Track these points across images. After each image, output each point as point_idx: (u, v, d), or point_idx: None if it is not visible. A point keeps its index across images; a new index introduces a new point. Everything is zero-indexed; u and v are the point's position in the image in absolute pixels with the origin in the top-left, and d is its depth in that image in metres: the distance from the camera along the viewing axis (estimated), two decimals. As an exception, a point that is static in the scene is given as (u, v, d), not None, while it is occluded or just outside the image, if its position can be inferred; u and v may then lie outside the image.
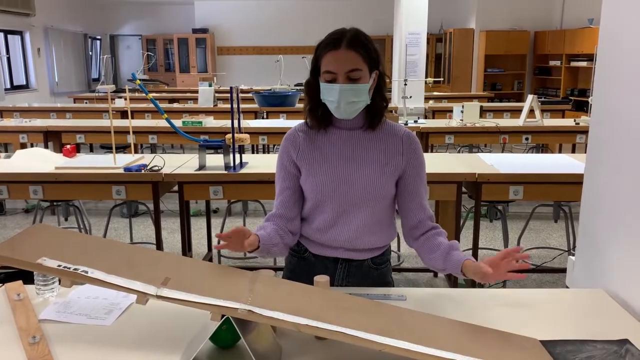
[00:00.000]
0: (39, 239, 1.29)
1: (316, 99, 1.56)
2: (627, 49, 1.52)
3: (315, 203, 1.61)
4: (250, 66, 12.69)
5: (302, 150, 1.61)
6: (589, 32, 9.49)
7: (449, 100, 8.28)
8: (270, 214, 1.65)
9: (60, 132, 5.36)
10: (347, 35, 1.49)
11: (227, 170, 3.03)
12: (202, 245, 4.37)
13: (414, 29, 6.97)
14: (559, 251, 4.20)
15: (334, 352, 1.22)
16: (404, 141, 1.60)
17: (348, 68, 1.47)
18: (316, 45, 1.53)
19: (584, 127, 5.04)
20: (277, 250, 1.59)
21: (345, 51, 1.47)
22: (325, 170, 1.58)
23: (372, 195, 1.57)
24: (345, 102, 1.49)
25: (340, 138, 1.60)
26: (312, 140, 1.62)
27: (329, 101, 1.52)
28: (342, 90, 1.47)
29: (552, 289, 1.67)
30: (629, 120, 1.51)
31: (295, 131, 1.66)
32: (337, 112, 1.53)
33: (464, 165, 3.20)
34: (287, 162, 1.63)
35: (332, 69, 1.48)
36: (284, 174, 1.65)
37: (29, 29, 10.41)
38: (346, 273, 1.66)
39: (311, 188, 1.59)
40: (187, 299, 1.13)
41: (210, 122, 5.18)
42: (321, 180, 1.58)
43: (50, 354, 1.18)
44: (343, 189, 1.57)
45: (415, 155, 1.61)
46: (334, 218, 1.59)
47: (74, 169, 3.11)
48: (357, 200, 1.57)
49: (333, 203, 1.58)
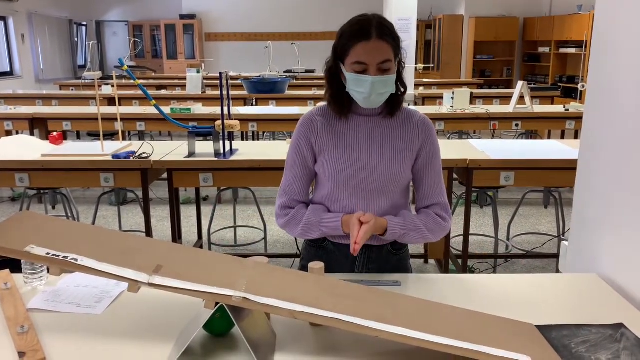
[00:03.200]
0: (26, 226, 1.25)
1: (339, 86, 1.53)
2: (623, 32, 1.51)
3: (334, 189, 1.58)
4: (238, 53, 12.58)
5: (321, 135, 1.58)
6: (577, 19, 9.51)
7: (438, 87, 8.27)
8: (297, 201, 1.63)
9: (46, 120, 5.28)
10: (375, 24, 1.45)
11: (217, 157, 3.00)
12: (192, 233, 4.34)
13: (403, 14, 6.93)
14: (549, 237, 4.23)
15: (329, 339, 1.21)
16: (419, 126, 1.59)
17: (380, 59, 1.44)
18: (340, 32, 1.49)
19: (573, 113, 5.05)
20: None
21: (377, 42, 1.43)
22: (346, 156, 1.56)
23: (391, 181, 1.56)
24: (376, 93, 1.47)
25: (359, 124, 1.58)
26: (331, 126, 1.58)
27: (358, 92, 1.48)
28: (374, 82, 1.45)
29: (546, 274, 1.67)
30: (623, 104, 1.50)
31: (312, 115, 1.61)
32: (365, 103, 1.50)
33: (454, 151, 3.19)
34: (305, 146, 1.59)
35: (364, 60, 1.44)
36: (301, 161, 1.61)
37: (13, 15, 10.22)
38: (367, 260, 1.64)
39: (331, 174, 1.56)
40: (180, 286, 1.11)
41: (199, 109, 5.12)
42: (342, 167, 1.55)
43: (39, 344, 1.16)
44: (364, 175, 1.55)
45: (429, 140, 1.60)
46: (354, 205, 1.57)
47: (60, 156, 3.05)
48: (376, 187, 1.56)
49: (353, 189, 1.56)
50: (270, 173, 3.01)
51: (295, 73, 8.92)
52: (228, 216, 4.79)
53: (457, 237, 4.05)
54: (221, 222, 4.67)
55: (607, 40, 1.60)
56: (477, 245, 4.16)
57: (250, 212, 4.93)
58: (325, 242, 1.66)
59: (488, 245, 4.15)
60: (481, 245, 4.19)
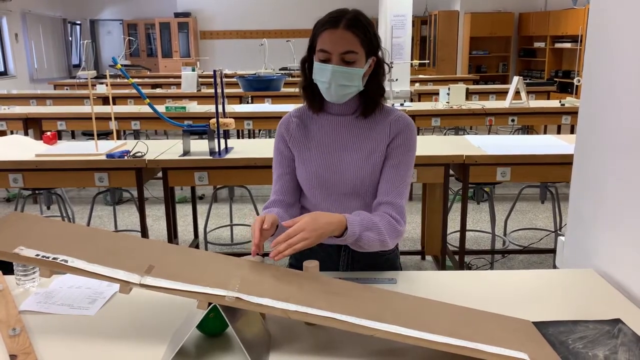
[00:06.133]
0: (16, 227, 1.24)
1: (310, 78, 1.51)
2: (618, 26, 1.50)
3: (308, 191, 1.57)
4: (233, 50, 12.52)
5: (293, 137, 1.57)
6: (573, 13, 9.50)
7: (434, 83, 8.26)
8: (269, 201, 1.59)
9: (40, 119, 5.24)
10: (347, 16, 1.43)
11: (212, 156, 2.98)
12: (188, 232, 4.33)
13: (398, 11, 6.90)
14: (546, 232, 4.22)
15: (324, 338, 1.20)
16: (391, 124, 1.53)
17: (343, 49, 1.42)
18: (315, 23, 1.47)
19: (569, 108, 5.05)
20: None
21: (343, 32, 1.41)
22: (314, 158, 1.54)
23: (362, 183, 1.52)
24: (336, 84, 1.44)
25: (330, 124, 1.55)
26: (304, 126, 1.57)
27: (321, 82, 1.46)
28: (334, 72, 1.42)
29: (542, 270, 1.66)
30: (619, 98, 1.49)
31: (289, 116, 1.60)
32: (327, 94, 1.48)
33: (451, 147, 3.18)
34: (283, 147, 1.59)
35: (327, 48, 1.43)
36: (280, 159, 1.59)
37: (6, 14, 10.16)
38: (350, 259, 1.61)
39: (303, 175, 1.55)
40: (172, 287, 1.09)
41: (194, 108, 5.10)
42: (312, 168, 1.54)
43: (31, 346, 1.14)
44: (333, 177, 1.53)
45: (399, 136, 1.51)
46: (327, 207, 1.55)
47: (54, 156, 3.03)
48: (348, 189, 1.53)
49: (324, 192, 1.54)
50: (266, 171, 2.98)
51: (291, 70, 8.90)
52: (224, 215, 4.78)
53: (453, 233, 4.04)
54: (217, 221, 4.65)
55: (602, 35, 1.59)
56: (473, 241, 4.16)
57: (247, 210, 4.92)
58: None
59: (485, 241, 4.14)
60: (478, 241, 4.18)
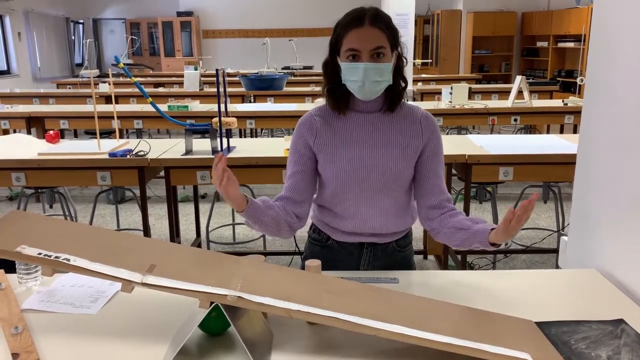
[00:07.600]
0: (19, 226, 1.24)
1: (335, 80, 1.51)
2: (622, 26, 1.49)
3: (336, 190, 1.55)
4: (236, 49, 12.53)
5: (319, 136, 1.55)
6: (576, 13, 9.48)
7: (437, 83, 8.24)
8: (278, 195, 1.60)
9: (43, 118, 5.25)
10: (369, 13, 1.44)
11: (215, 155, 2.98)
12: (190, 231, 4.33)
13: (401, 10, 6.89)
14: (549, 232, 4.21)
15: (326, 338, 1.20)
16: (422, 122, 1.56)
17: (373, 46, 1.42)
18: (335, 25, 1.48)
19: (572, 107, 5.04)
20: (269, 221, 1.48)
21: (369, 28, 1.42)
22: (345, 156, 1.53)
23: (394, 179, 1.53)
24: (369, 81, 1.43)
25: (359, 121, 1.55)
26: (330, 125, 1.56)
27: (352, 81, 1.46)
28: (367, 69, 1.42)
29: (545, 270, 1.66)
30: (622, 98, 1.48)
31: (311, 116, 1.58)
32: (360, 93, 1.47)
33: (453, 146, 3.18)
34: (303, 147, 1.57)
35: (356, 47, 1.42)
36: (297, 158, 1.58)
37: (9, 13, 10.17)
38: (372, 257, 1.63)
39: (332, 174, 1.54)
40: (174, 286, 1.09)
41: (196, 107, 5.10)
42: (342, 166, 1.53)
43: (33, 345, 1.14)
44: (365, 174, 1.52)
45: (433, 136, 1.57)
46: (357, 204, 1.55)
47: (57, 154, 3.04)
48: (379, 185, 1.53)
49: (355, 189, 1.54)
50: (268, 170, 3.00)
51: (293, 69, 8.90)
52: (226, 214, 4.77)
53: (456, 232, 4.03)
54: (219, 220, 4.65)
55: (605, 34, 1.59)
56: (476, 241, 4.14)
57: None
58: (329, 240, 1.65)
59: (487, 241, 4.13)
60: (480, 240, 4.17)
